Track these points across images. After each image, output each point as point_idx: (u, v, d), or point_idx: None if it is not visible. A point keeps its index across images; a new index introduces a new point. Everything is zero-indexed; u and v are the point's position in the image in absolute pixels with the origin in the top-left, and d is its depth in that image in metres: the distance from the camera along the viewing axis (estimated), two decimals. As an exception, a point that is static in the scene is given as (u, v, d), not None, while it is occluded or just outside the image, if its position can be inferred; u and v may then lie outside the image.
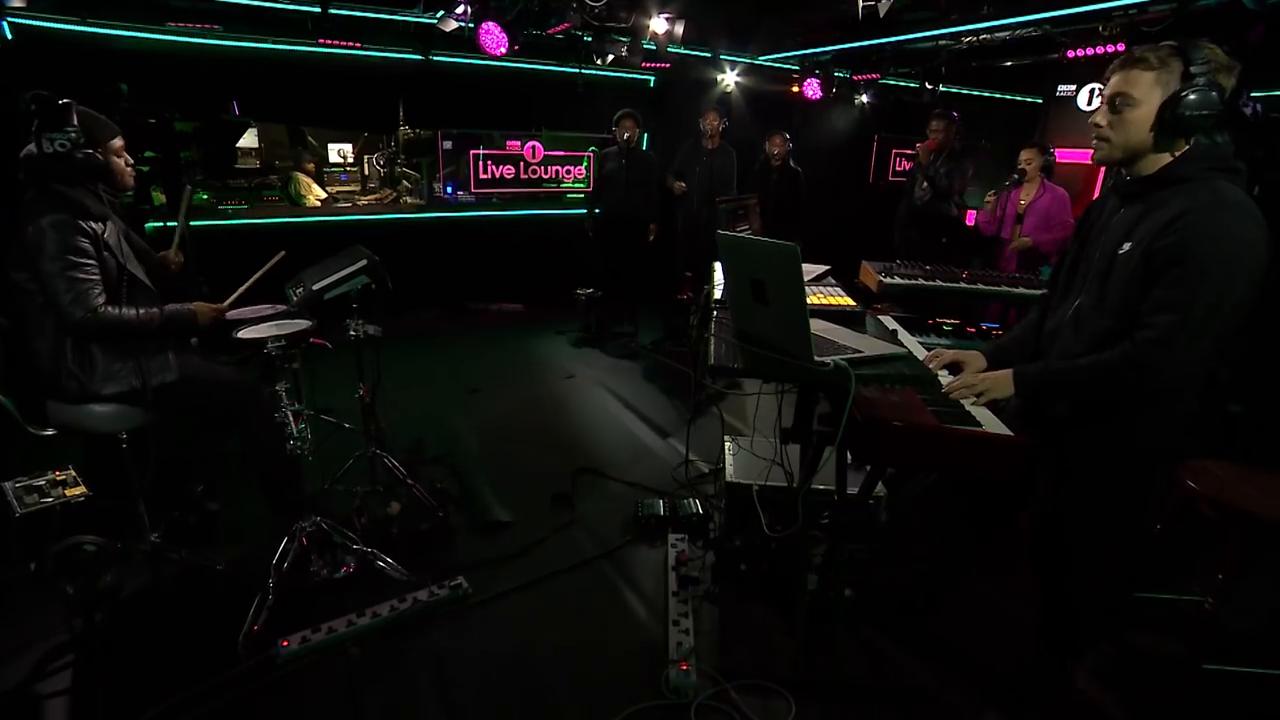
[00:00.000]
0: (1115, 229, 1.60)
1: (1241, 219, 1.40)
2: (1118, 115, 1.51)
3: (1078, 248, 1.76)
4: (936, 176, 4.45)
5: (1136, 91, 1.47)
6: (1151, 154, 1.52)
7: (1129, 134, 1.51)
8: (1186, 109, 1.41)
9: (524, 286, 6.46)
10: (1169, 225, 1.43)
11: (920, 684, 2.06)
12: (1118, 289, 1.54)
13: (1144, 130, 1.49)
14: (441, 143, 5.74)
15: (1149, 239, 1.47)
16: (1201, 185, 1.46)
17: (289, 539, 2.32)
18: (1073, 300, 1.70)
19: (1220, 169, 1.48)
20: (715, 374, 1.42)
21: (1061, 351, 1.71)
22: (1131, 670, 2.14)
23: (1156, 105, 1.46)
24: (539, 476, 3.28)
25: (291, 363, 2.32)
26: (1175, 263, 1.42)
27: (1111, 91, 1.52)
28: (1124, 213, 1.59)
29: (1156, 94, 1.45)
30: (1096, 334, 1.60)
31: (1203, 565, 2.37)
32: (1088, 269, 1.68)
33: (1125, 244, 1.54)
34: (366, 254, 2.47)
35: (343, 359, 2.80)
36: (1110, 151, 1.56)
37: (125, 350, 2.18)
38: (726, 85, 6.59)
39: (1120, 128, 1.51)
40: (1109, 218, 1.65)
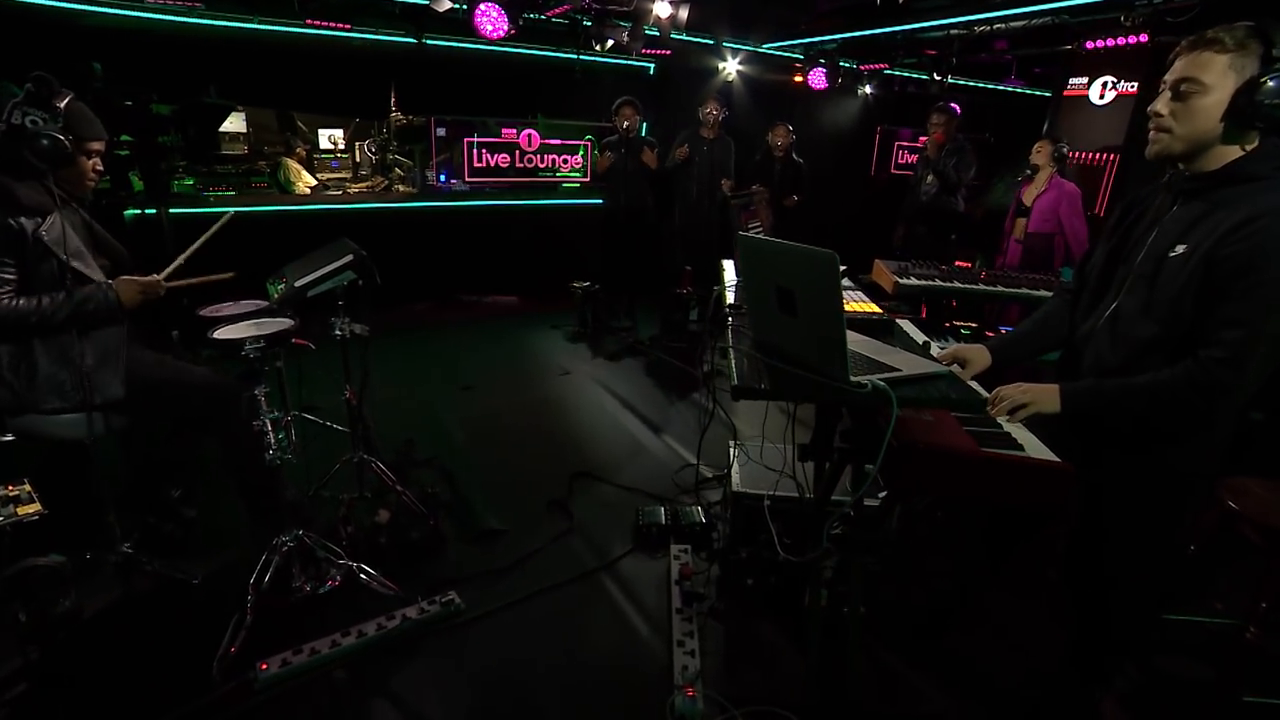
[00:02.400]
0: (1167, 229, 1.46)
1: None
2: (1183, 103, 1.35)
3: (1114, 246, 1.62)
4: (945, 171, 4.32)
5: (1208, 76, 1.31)
6: (1218, 147, 1.37)
7: (1195, 123, 1.35)
8: (1267, 97, 1.26)
9: (519, 279, 6.31)
10: (1238, 229, 1.30)
11: (937, 710, 1.95)
12: (1167, 294, 1.41)
13: (1213, 120, 1.33)
14: (435, 130, 5.55)
15: (1212, 243, 1.33)
16: (1274, 186, 1.32)
17: (268, 553, 2.18)
18: (1109, 302, 1.57)
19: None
20: (740, 395, 1.29)
21: (1095, 361, 1.58)
22: (1161, 697, 2.04)
23: (1229, 92, 1.30)
24: (534, 481, 3.15)
25: (272, 364, 2.18)
26: (1246, 272, 1.29)
27: (1177, 76, 1.36)
28: (1178, 211, 1.46)
29: (1231, 79, 1.30)
30: (1139, 340, 1.47)
31: (1231, 587, 2.28)
32: (1127, 271, 1.55)
33: (1180, 246, 1.41)
34: (353, 248, 2.32)
35: (329, 354, 2.65)
36: (1170, 144, 1.40)
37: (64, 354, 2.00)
38: (727, 74, 6.43)
39: (1185, 117, 1.35)
40: (1157, 216, 1.52)
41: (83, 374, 1.98)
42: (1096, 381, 1.51)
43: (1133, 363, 1.48)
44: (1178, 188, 1.47)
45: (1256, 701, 1.88)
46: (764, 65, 6.55)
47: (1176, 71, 1.37)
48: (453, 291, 6.11)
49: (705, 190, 5.36)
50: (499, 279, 6.26)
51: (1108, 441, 1.55)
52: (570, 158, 6.23)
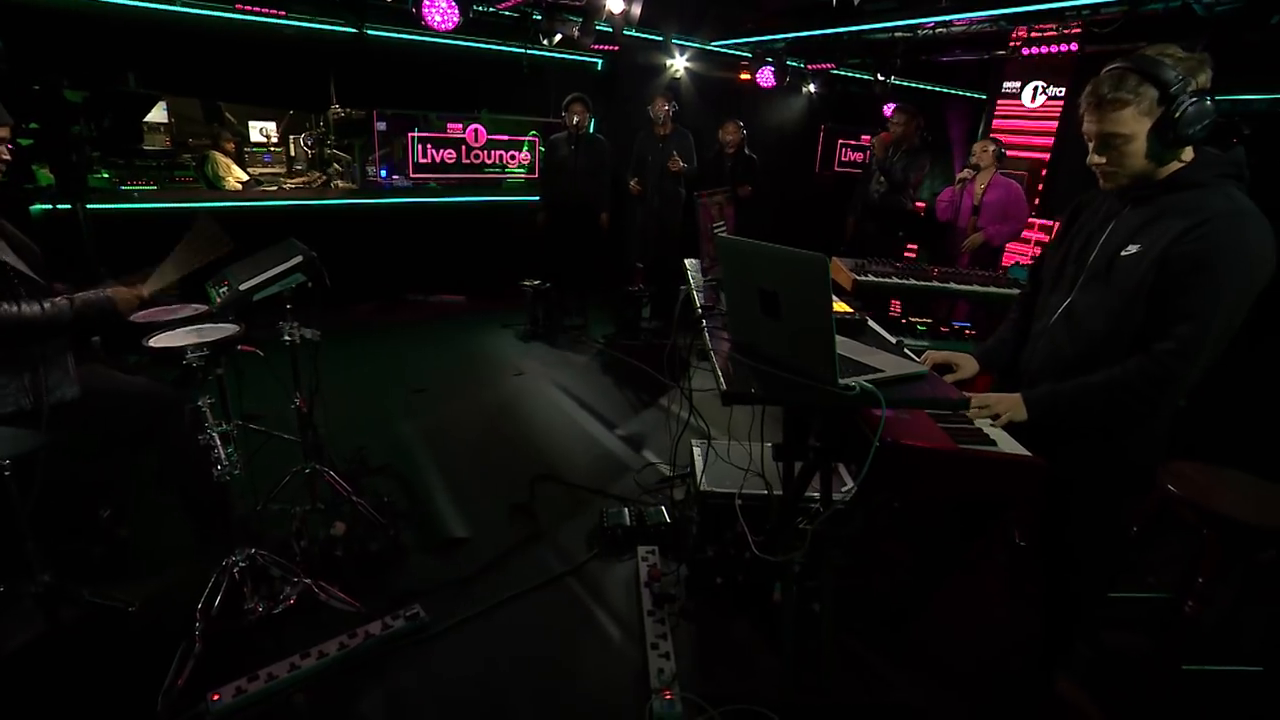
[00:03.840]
0: (1119, 229, 1.55)
1: (1261, 229, 1.37)
2: (1115, 151, 1.47)
3: (1066, 246, 1.71)
4: (892, 170, 4.44)
5: (1125, 129, 1.43)
6: (1161, 166, 1.48)
7: (1132, 163, 1.47)
8: (1186, 125, 1.37)
9: (466, 277, 6.16)
10: (1190, 231, 1.39)
11: (908, 699, 2.00)
12: (1119, 291, 1.50)
13: (1144, 158, 1.46)
14: (376, 123, 5.34)
15: (1166, 244, 1.41)
16: (1215, 191, 1.42)
17: (218, 574, 2.04)
18: (1062, 299, 1.65)
19: (1232, 175, 1.45)
20: (730, 400, 1.28)
21: (1050, 353, 1.66)
22: (1109, 671, 2.16)
23: (1147, 129, 1.42)
24: (494, 485, 3.08)
25: (212, 373, 2.04)
26: (1197, 270, 1.37)
27: (1098, 133, 1.48)
28: (1129, 214, 1.55)
29: (1144, 121, 1.42)
30: (1093, 334, 1.55)
31: (1161, 563, 2.43)
32: (1078, 270, 1.63)
33: (1132, 246, 1.49)
34: (302, 248, 2.19)
35: (272, 359, 2.51)
36: (1119, 180, 1.52)
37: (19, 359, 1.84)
38: (676, 71, 6.44)
39: (1120, 161, 1.48)
40: (1108, 217, 1.60)
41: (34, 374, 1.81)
42: (1053, 386, 1.58)
43: (1087, 356, 1.56)
44: (1130, 194, 1.55)
45: (1195, 669, 2.01)
46: (711, 63, 6.58)
47: (1095, 130, 1.48)
48: (398, 291, 5.90)
49: (659, 188, 5.36)
50: (446, 278, 6.09)
51: (1066, 434, 1.62)
52: (518, 154, 6.12)
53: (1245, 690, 2.08)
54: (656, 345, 5.12)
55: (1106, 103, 1.43)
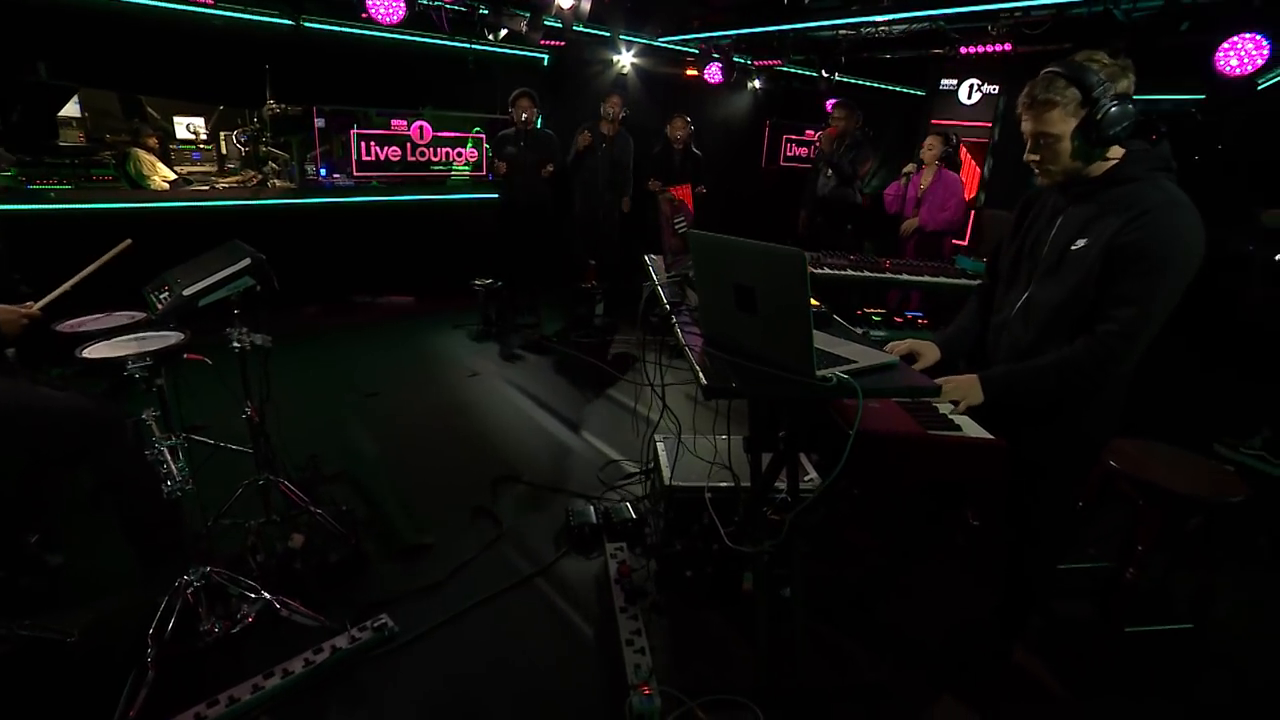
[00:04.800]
0: (1066, 225, 1.64)
1: (1192, 217, 1.48)
2: (1047, 149, 1.58)
3: (1019, 242, 1.80)
4: (841, 164, 4.55)
5: (1054, 129, 1.54)
6: (1093, 163, 1.58)
7: (1063, 161, 1.58)
8: (1108, 126, 1.48)
9: (415, 277, 6.00)
10: (1130, 222, 1.48)
11: (880, 679, 2.07)
12: (1070, 283, 1.59)
13: (1071, 154, 1.56)
14: (315, 120, 5.13)
15: (1110, 235, 1.51)
16: (1150, 184, 1.52)
17: (170, 596, 1.94)
18: (1020, 293, 1.75)
19: (1162, 169, 1.55)
20: (711, 395, 1.29)
21: (1011, 343, 1.75)
22: (1060, 638, 2.28)
23: (1072, 133, 1.53)
24: (455, 488, 3.02)
25: (156, 383, 1.93)
26: (1138, 258, 1.47)
27: (1031, 133, 1.59)
28: (1074, 211, 1.64)
29: (1070, 121, 1.52)
30: (1048, 324, 1.65)
31: (1100, 535, 2.58)
32: (1032, 265, 1.72)
33: (1080, 240, 1.59)
34: (250, 251, 2.09)
35: (220, 367, 2.39)
36: (1054, 176, 1.63)
37: None
38: (622, 66, 6.43)
39: (1053, 159, 1.59)
40: (1055, 214, 1.69)
41: None
42: (1008, 367, 1.67)
43: (1045, 345, 1.66)
44: (1071, 192, 1.66)
45: (1136, 631, 2.15)
46: (658, 58, 6.60)
47: (1029, 129, 1.59)
48: (343, 293, 5.71)
49: (607, 184, 5.35)
50: (394, 278, 5.92)
51: (1026, 416, 1.71)
52: (465, 151, 5.99)
53: (1178, 646, 2.24)
54: (610, 341, 5.12)
55: (1038, 103, 1.54)
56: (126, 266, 2.16)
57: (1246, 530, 2.85)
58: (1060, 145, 1.55)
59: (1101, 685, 2.11)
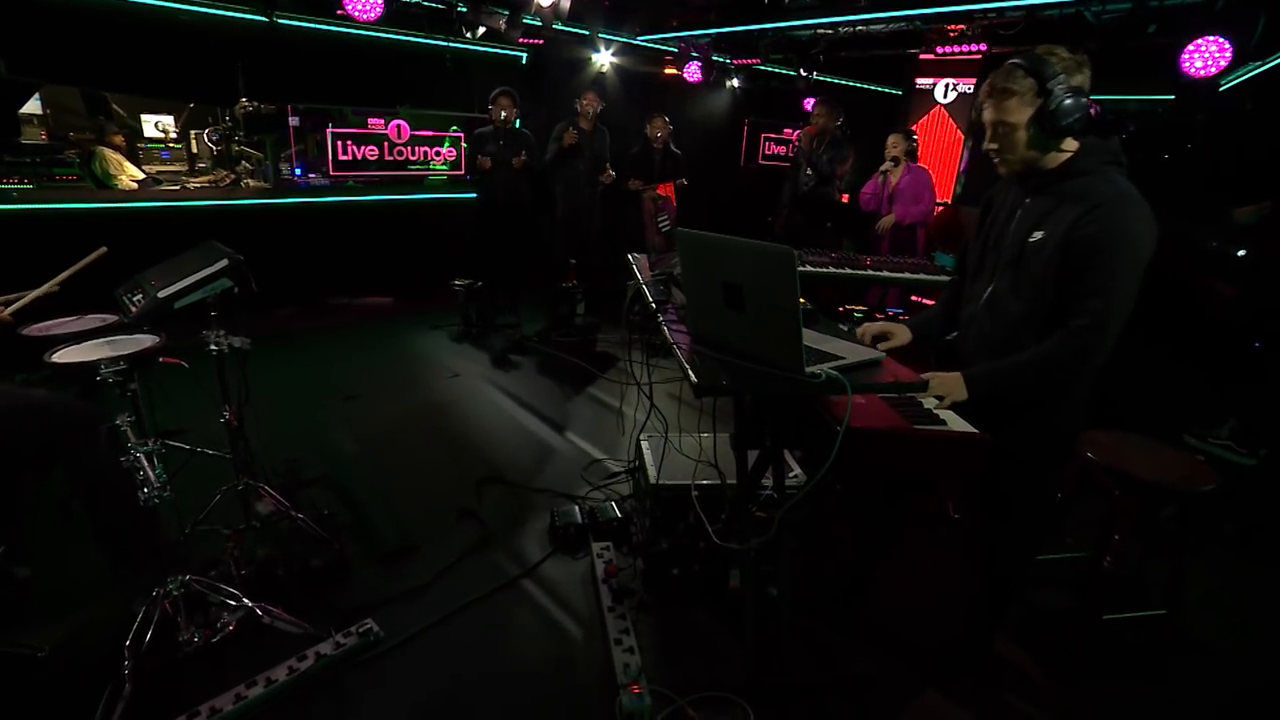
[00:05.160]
0: (1025, 219, 1.69)
1: (1142, 209, 1.54)
2: (1005, 138, 1.63)
3: (984, 236, 1.85)
4: (819, 162, 4.59)
5: (1011, 117, 1.59)
6: (1049, 154, 1.64)
7: (1020, 150, 1.63)
8: (1061, 117, 1.53)
9: (393, 278, 5.94)
10: (1084, 216, 1.54)
11: (867, 672, 2.09)
12: (1031, 275, 1.64)
13: (1027, 143, 1.62)
14: (290, 118, 5.05)
15: (1065, 229, 1.56)
16: (1101, 178, 1.59)
17: (148, 605, 1.89)
18: (985, 286, 1.79)
19: (1113, 163, 1.62)
20: (702, 393, 1.29)
21: (979, 336, 1.78)
22: (1040, 627, 2.33)
23: (1028, 123, 1.58)
24: (439, 490, 3.00)
25: (130, 388, 1.88)
26: (1096, 251, 1.52)
27: (990, 121, 1.65)
28: (1031, 204, 1.69)
29: (1027, 111, 1.58)
30: (1013, 316, 1.69)
31: (1076, 525, 2.63)
32: (997, 258, 1.76)
33: (1037, 233, 1.64)
34: (226, 252, 2.05)
35: (196, 370, 2.34)
36: (1012, 166, 1.68)
37: None
38: (601, 65, 6.41)
39: (1010, 147, 1.64)
40: (1014, 208, 1.75)
41: None
42: (989, 365, 1.71)
43: (1011, 335, 1.70)
44: (1029, 185, 1.71)
45: (1114, 618, 2.20)
46: (636, 57, 6.59)
47: (988, 117, 1.65)
48: (320, 295, 5.62)
49: (586, 182, 5.33)
50: (372, 279, 5.85)
51: (1002, 410, 1.74)
52: (443, 150, 5.93)
53: (1153, 631, 2.29)
54: (592, 341, 5.11)
55: (997, 92, 1.60)
56: (97, 269, 2.11)
57: (1214, 518, 2.93)
58: (1017, 134, 1.60)
59: (1082, 672, 2.15)
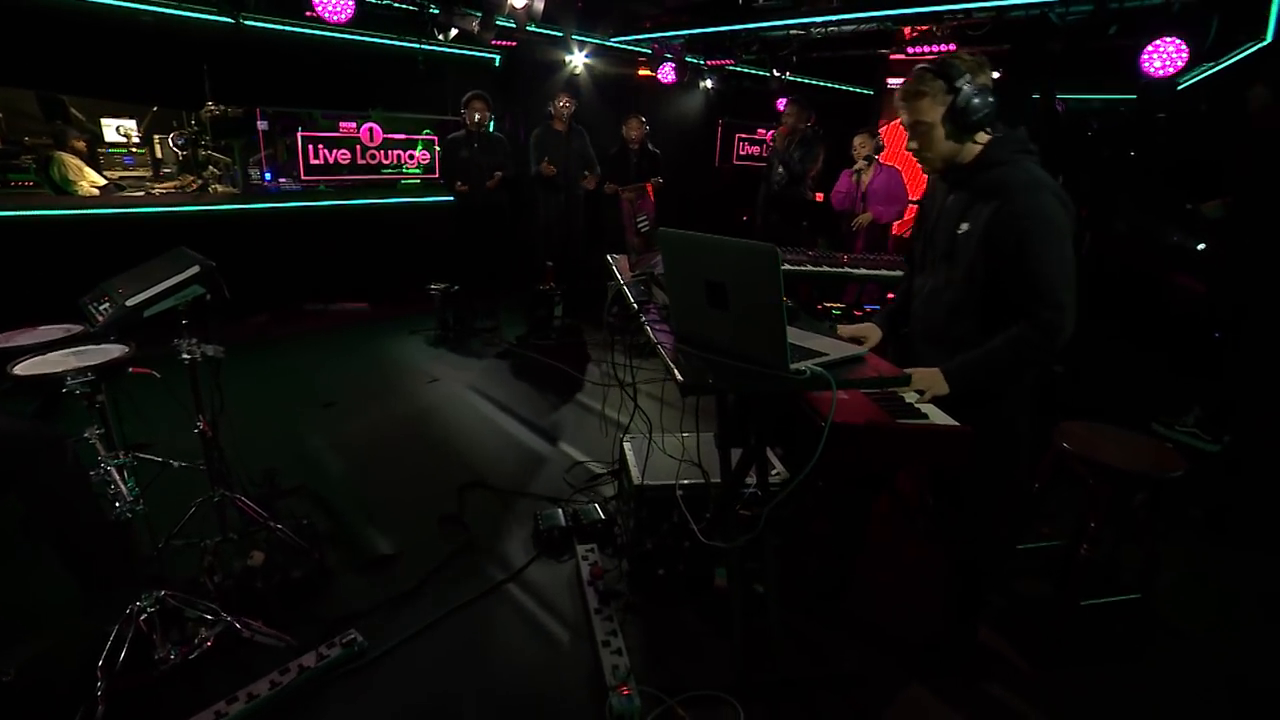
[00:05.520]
0: (951, 213, 1.79)
1: (1053, 192, 1.63)
2: (924, 137, 1.74)
3: (923, 231, 1.95)
4: (791, 161, 4.64)
5: (926, 116, 1.71)
6: (963, 149, 1.74)
7: (938, 148, 1.75)
8: (971, 113, 1.65)
9: (368, 283, 5.86)
10: (1003, 207, 1.63)
11: (854, 667, 2.11)
12: (962, 264, 1.74)
13: (945, 141, 1.73)
14: (258, 122, 4.95)
15: (987, 219, 1.66)
16: (1014, 166, 1.69)
17: (121, 624, 1.83)
18: (927, 279, 1.90)
19: (1023, 151, 1.72)
20: (688, 391, 1.29)
21: (927, 325, 1.88)
22: (1021, 615, 2.38)
23: (941, 120, 1.70)
24: (420, 497, 2.96)
25: (97, 400, 1.82)
26: (1029, 240, 1.61)
27: (908, 122, 1.76)
28: (954, 198, 1.80)
29: (938, 111, 1.69)
30: (952, 304, 1.80)
31: (1059, 515, 2.69)
32: (933, 251, 1.86)
33: (963, 225, 1.74)
34: (198, 258, 2.00)
35: (168, 380, 2.28)
36: (933, 163, 1.80)
37: None
38: (575, 67, 6.40)
39: (930, 145, 1.75)
40: (942, 204, 1.84)
41: None
42: (963, 357, 1.75)
43: (950, 325, 1.80)
44: (950, 179, 1.81)
45: (1092, 603, 2.25)
46: (610, 59, 6.59)
47: (905, 118, 1.76)
48: (294, 301, 5.52)
49: (563, 185, 5.31)
50: (346, 285, 5.77)
51: (958, 401, 1.77)
52: (416, 153, 5.87)
53: (1128, 615, 2.35)
54: (571, 343, 5.09)
55: (911, 95, 1.72)
56: (58, 278, 2.04)
57: (1182, 503, 3.02)
58: (934, 132, 1.71)
59: (1062, 657, 2.20)
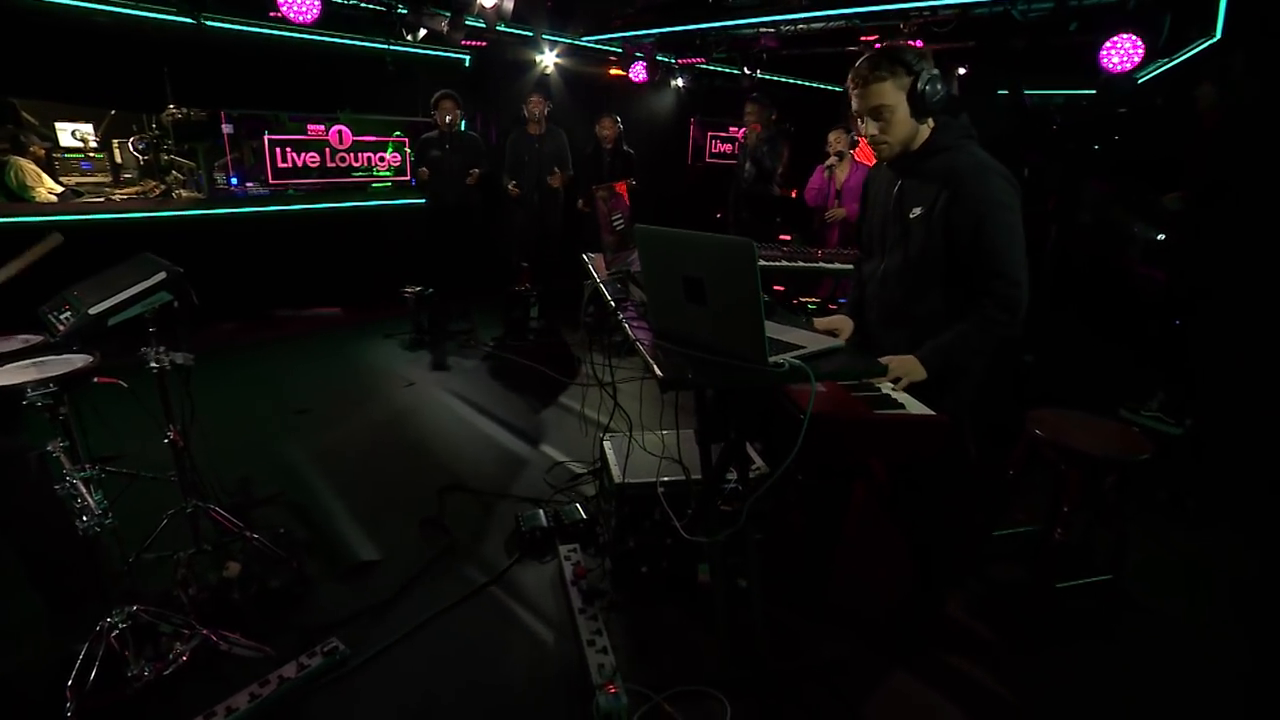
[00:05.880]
0: (902, 197, 1.85)
1: (998, 171, 1.72)
2: (885, 121, 1.76)
3: (869, 217, 2.01)
4: (761, 158, 4.69)
5: (889, 100, 1.73)
6: (918, 133, 1.80)
7: (899, 131, 1.77)
8: (930, 96, 1.70)
9: (340, 288, 5.78)
10: (956, 195, 1.69)
11: (837, 656, 2.13)
12: (917, 246, 1.80)
13: (907, 123, 1.76)
14: (223, 125, 4.84)
15: (942, 204, 1.72)
16: (960, 151, 1.75)
17: (91, 641, 1.78)
18: (879, 263, 1.94)
19: (966, 136, 1.79)
20: (667, 387, 1.29)
21: (884, 307, 1.93)
22: (998, 599, 2.42)
23: (904, 102, 1.72)
24: (399, 501, 2.93)
25: (60, 412, 1.77)
26: (978, 221, 1.68)
27: (868, 106, 1.77)
28: (905, 184, 1.85)
29: (901, 95, 1.72)
30: (910, 284, 1.85)
31: (1033, 502, 2.75)
32: (883, 235, 1.92)
33: (915, 209, 1.79)
34: (164, 264, 1.96)
35: (135, 389, 2.22)
36: (892, 149, 1.82)
37: None
38: (545, 66, 6.37)
39: (891, 130, 1.77)
40: (890, 189, 1.89)
41: None
42: (934, 341, 1.79)
43: (911, 301, 1.85)
44: (899, 165, 1.85)
45: (1066, 585, 2.31)
46: (581, 58, 6.57)
47: (865, 103, 1.77)
48: (265, 307, 5.43)
49: (537, 186, 5.29)
50: (318, 290, 5.68)
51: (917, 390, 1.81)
52: (387, 156, 5.80)
53: (1100, 595, 2.41)
54: (547, 344, 5.08)
55: (871, 79, 1.73)
56: (15, 287, 1.98)
57: (1148, 485, 3.11)
58: (898, 114, 1.73)
59: (1038, 638, 2.26)
